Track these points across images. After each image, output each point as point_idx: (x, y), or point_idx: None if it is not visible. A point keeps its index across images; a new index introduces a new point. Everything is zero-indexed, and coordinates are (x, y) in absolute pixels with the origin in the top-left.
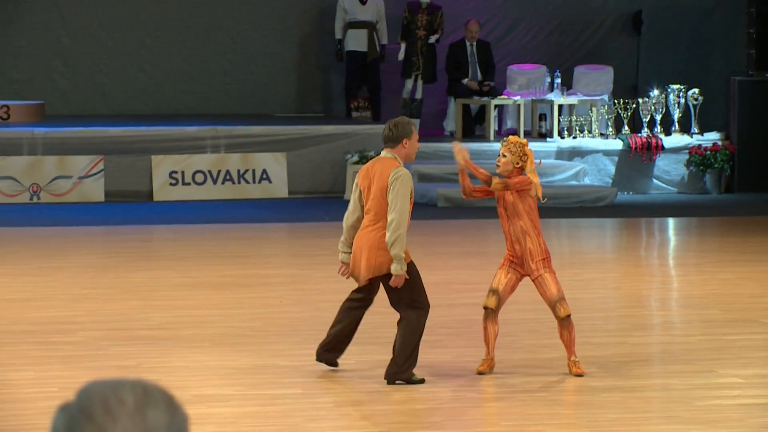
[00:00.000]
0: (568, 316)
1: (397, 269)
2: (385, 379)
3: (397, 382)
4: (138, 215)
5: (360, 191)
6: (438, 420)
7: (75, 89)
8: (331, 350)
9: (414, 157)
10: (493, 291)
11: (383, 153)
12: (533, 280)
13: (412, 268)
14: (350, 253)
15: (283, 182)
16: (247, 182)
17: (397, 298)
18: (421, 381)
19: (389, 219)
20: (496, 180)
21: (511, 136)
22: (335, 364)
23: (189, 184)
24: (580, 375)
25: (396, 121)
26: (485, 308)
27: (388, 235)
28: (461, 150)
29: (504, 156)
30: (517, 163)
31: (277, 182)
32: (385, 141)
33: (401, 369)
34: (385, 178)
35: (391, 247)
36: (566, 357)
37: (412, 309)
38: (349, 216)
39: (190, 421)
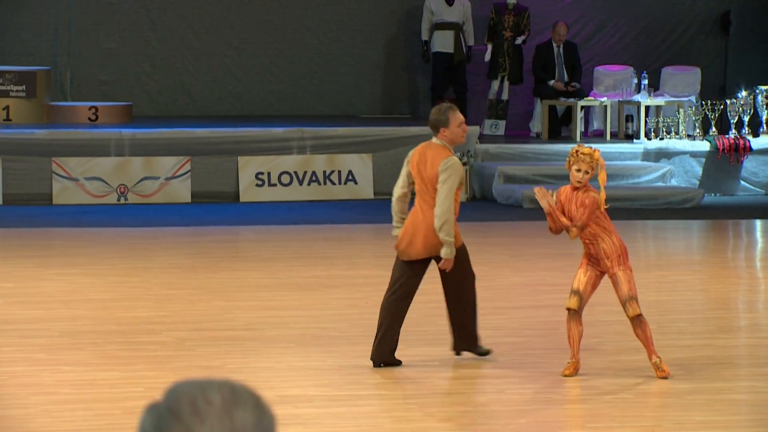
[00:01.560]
0: (638, 315)
1: (447, 253)
2: (461, 351)
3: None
4: (224, 216)
5: (409, 171)
6: (523, 422)
7: (162, 90)
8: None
9: (462, 140)
10: (575, 291)
11: (433, 139)
12: (610, 278)
13: (461, 249)
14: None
15: (369, 183)
16: (333, 183)
17: (447, 275)
18: (488, 352)
19: (436, 207)
20: (573, 232)
21: (580, 147)
22: (398, 362)
23: (275, 185)
24: (664, 377)
25: (434, 109)
26: (568, 309)
27: (435, 221)
28: (545, 195)
29: (578, 171)
30: (588, 173)
31: (363, 183)
32: (430, 128)
33: (475, 339)
34: (435, 167)
35: (440, 231)
36: (647, 358)
37: (464, 281)
38: (397, 190)
39: (277, 422)
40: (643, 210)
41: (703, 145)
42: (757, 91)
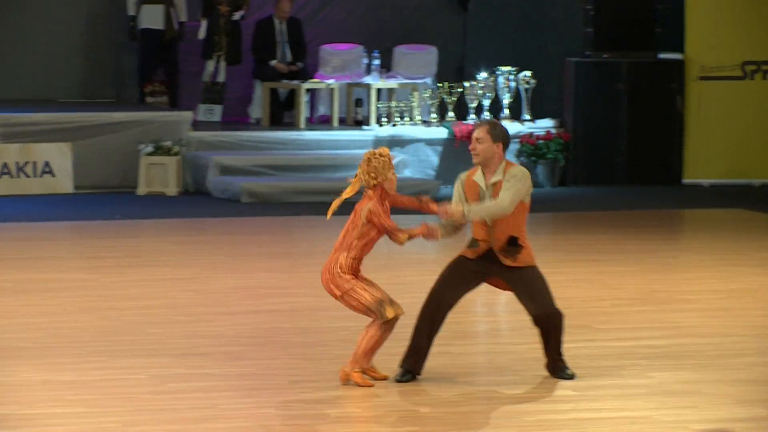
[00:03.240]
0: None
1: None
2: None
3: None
4: None
5: None
6: None
7: None
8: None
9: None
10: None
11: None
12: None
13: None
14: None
15: (68, 176)
16: (27, 176)
17: None
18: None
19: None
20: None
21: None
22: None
23: None
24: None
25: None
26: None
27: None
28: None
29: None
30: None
31: (62, 176)
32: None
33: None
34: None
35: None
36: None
37: None
38: None
39: None
40: None
41: (440, 132)
42: (498, 72)
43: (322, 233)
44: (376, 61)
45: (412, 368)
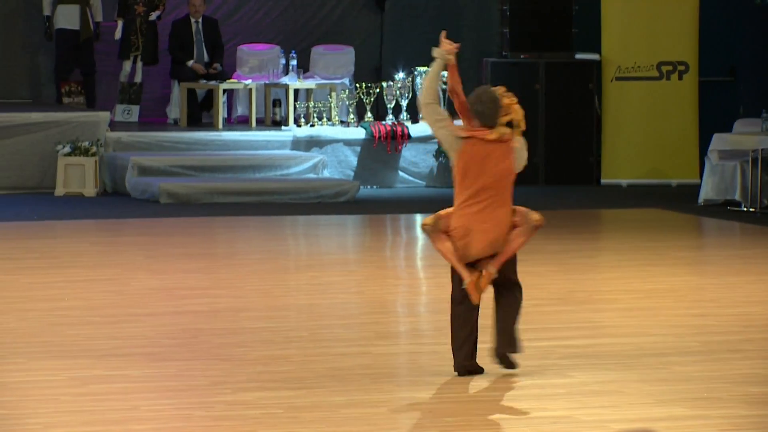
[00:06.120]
0: None
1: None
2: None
3: None
4: None
5: None
6: None
7: None
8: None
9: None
10: None
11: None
12: None
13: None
14: None
15: None
16: None
17: None
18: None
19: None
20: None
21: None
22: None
23: None
24: None
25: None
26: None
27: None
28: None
29: None
30: None
31: None
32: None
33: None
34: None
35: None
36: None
37: None
38: None
39: None
40: (293, 204)
41: (358, 133)
42: (416, 72)
43: (241, 234)
44: (294, 62)
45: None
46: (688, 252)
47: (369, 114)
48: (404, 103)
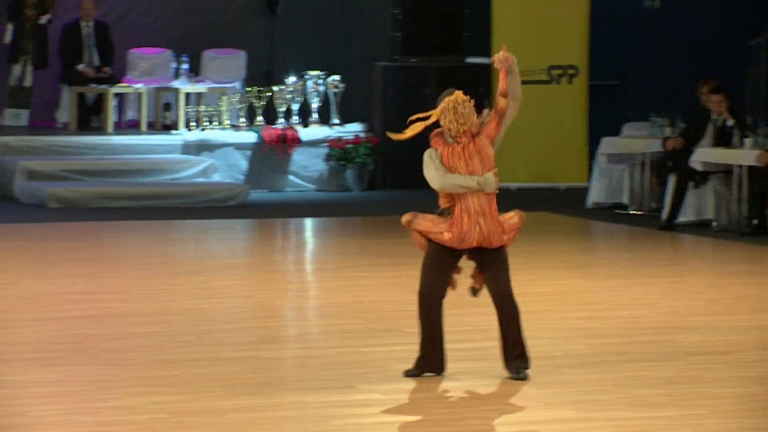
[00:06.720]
0: None
1: None
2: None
3: None
4: None
5: None
6: None
7: None
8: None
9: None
10: None
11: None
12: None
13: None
14: None
15: None
16: None
17: None
18: None
19: None
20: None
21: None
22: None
23: None
24: None
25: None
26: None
27: None
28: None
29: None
30: None
31: None
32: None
33: None
34: None
35: None
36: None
37: None
38: None
39: None
40: (182, 209)
41: (249, 137)
42: (307, 76)
43: (130, 238)
44: (185, 66)
45: (433, 369)
46: (576, 255)
47: (260, 118)
48: (295, 107)
